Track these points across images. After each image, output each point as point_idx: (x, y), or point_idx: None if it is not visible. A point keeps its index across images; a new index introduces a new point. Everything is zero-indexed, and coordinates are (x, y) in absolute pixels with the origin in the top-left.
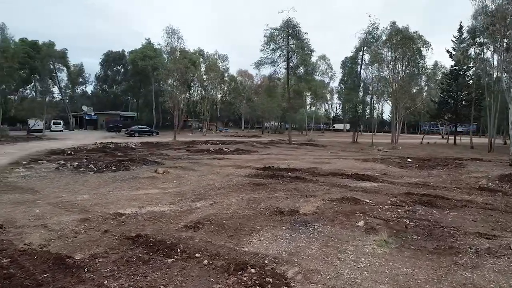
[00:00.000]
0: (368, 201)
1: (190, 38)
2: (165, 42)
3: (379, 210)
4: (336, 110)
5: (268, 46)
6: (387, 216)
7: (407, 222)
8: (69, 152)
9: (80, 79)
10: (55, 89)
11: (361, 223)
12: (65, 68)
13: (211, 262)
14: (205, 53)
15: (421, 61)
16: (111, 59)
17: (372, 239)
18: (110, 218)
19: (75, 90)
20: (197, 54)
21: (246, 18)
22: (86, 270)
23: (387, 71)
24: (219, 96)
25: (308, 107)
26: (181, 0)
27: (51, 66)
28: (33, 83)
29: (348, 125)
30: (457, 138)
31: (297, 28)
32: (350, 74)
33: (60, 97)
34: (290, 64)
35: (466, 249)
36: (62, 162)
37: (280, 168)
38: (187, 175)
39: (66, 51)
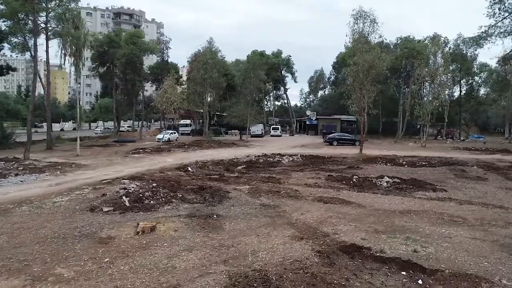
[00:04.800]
0: None
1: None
2: (350, 29)
3: None
4: None
5: (501, 6)
6: None
7: None
8: (187, 168)
9: (322, 85)
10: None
11: None
12: (289, 75)
13: None
14: (442, 39)
15: None
16: (340, 61)
17: None
18: None
19: (316, 95)
20: (426, 42)
21: None
22: None
23: None
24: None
25: None
26: None
27: (279, 74)
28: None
29: None
30: None
31: None
32: None
33: (284, 102)
34: None
35: None
36: (136, 185)
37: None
38: (157, 249)
39: (289, 57)
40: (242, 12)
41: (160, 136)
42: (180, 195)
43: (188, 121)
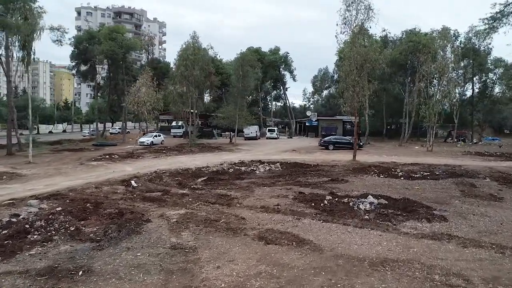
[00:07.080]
0: None
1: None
2: (341, 17)
3: None
4: None
5: None
6: None
7: None
8: (131, 182)
9: (327, 84)
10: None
11: None
12: (288, 73)
13: None
14: (452, 33)
15: None
16: (338, 56)
17: None
18: None
19: (321, 94)
20: (433, 34)
21: None
22: None
23: None
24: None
25: None
26: None
27: (278, 72)
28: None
29: None
30: None
31: None
32: None
33: (284, 102)
34: None
35: None
36: (41, 207)
37: None
38: None
39: (287, 54)
40: (253, 13)
41: (143, 139)
42: (74, 228)
43: (180, 123)
